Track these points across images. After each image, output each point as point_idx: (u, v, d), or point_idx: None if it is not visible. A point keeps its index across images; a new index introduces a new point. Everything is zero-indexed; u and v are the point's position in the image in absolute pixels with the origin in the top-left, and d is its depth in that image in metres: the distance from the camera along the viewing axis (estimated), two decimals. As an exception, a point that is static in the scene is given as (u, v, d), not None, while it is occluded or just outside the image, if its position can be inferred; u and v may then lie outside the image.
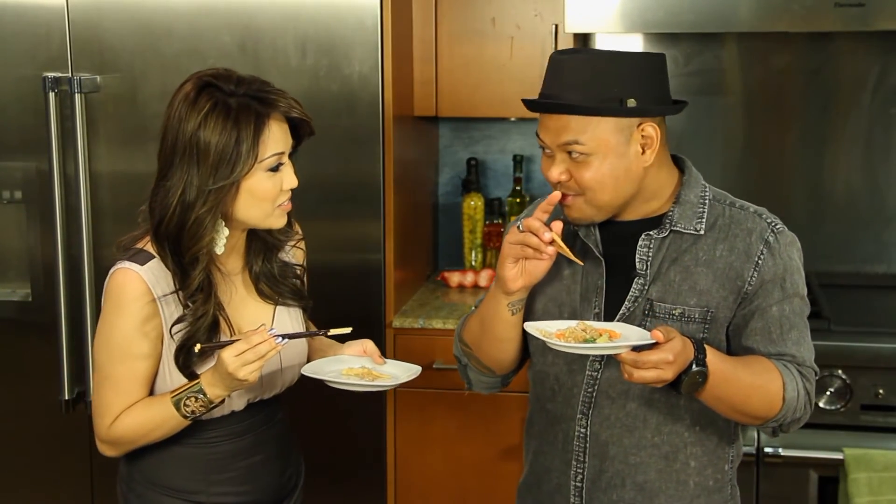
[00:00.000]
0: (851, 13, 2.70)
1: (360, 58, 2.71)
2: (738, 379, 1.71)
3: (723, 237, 1.79)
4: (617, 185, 1.74)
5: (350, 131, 2.75)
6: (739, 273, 1.77)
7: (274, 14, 2.71)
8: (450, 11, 2.98)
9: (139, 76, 2.75)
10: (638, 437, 1.81)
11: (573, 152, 1.72)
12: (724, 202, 1.83)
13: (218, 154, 1.73)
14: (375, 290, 2.81)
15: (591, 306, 1.82)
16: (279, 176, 1.81)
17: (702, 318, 1.77)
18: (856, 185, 3.21)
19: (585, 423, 1.83)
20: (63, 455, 2.93)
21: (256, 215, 1.82)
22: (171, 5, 2.73)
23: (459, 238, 3.33)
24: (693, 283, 1.77)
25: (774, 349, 1.78)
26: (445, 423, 2.88)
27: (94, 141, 2.79)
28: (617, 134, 1.72)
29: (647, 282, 1.78)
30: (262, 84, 1.81)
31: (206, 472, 1.92)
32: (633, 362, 1.61)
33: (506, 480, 2.88)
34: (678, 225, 1.79)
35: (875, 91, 3.15)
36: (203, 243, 1.77)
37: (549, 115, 1.74)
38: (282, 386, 1.97)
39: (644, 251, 1.79)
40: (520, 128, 3.32)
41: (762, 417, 1.76)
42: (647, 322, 1.78)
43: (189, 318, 1.81)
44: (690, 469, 1.83)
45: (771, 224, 1.80)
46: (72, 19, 2.76)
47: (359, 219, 2.79)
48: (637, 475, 1.82)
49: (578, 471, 1.84)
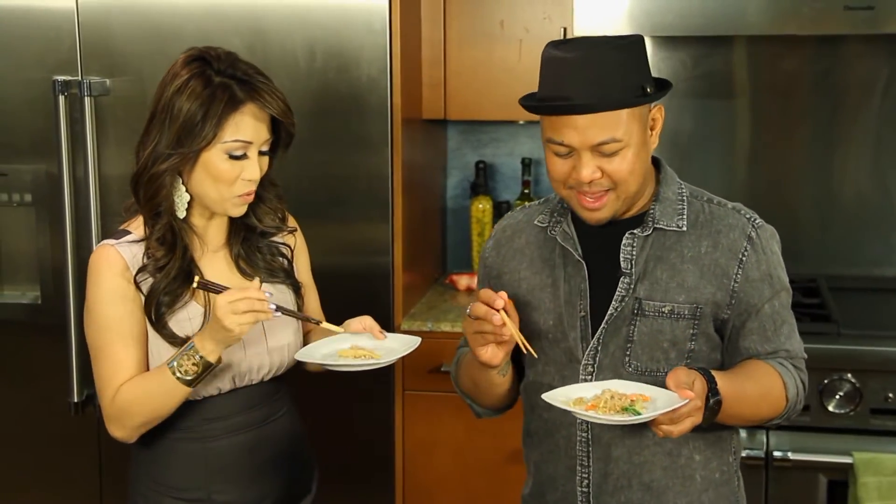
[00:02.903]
0: (861, 16, 2.69)
1: (369, 61, 2.71)
2: (747, 394, 1.73)
3: (706, 233, 1.79)
4: (641, 173, 1.75)
5: (358, 134, 2.76)
6: (725, 270, 1.77)
7: (283, 17, 2.72)
8: (458, 14, 2.98)
9: (148, 79, 2.76)
10: (639, 436, 1.80)
11: (608, 151, 1.70)
12: (702, 199, 1.84)
13: (185, 122, 1.79)
14: (384, 292, 2.81)
15: (577, 310, 1.80)
16: (240, 164, 1.83)
17: (691, 315, 1.77)
18: (865, 188, 3.20)
19: (586, 427, 1.82)
20: (72, 457, 2.94)
21: (210, 195, 1.85)
22: (181, 8, 2.74)
23: (468, 241, 3.33)
24: (681, 280, 1.77)
25: (770, 346, 1.80)
26: (453, 426, 2.88)
27: (103, 144, 2.80)
28: (641, 122, 1.72)
29: (634, 281, 1.78)
30: (255, 73, 1.84)
31: (208, 471, 1.91)
32: (670, 421, 1.61)
33: (514, 483, 2.87)
34: (661, 222, 1.79)
35: (884, 94, 3.14)
36: (159, 198, 1.83)
37: (574, 116, 1.68)
38: (271, 367, 1.95)
39: (628, 250, 1.78)
40: (528, 130, 3.33)
41: (768, 419, 1.81)
42: (636, 322, 1.77)
43: (150, 268, 1.84)
44: (695, 463, 1.83)
45: (750, 219, 1.81)
46: (81, 23, 2.77)
47: (367, 222, 2.79)
48: (643, 474, 1.81)
49: (584, 476, 1.83)
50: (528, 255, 1.88)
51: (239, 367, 1.91)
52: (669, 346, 1.78)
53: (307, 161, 2.71)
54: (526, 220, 1.92)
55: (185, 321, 1.86)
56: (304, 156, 2.61)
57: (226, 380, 1.90)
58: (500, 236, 1.95)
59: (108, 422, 1.88)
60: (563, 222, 1.85)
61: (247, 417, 1.94)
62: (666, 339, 1.77)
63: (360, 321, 1.97)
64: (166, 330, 1.85)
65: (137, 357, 1.85)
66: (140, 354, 1.86)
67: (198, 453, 1.91)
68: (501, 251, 1.93)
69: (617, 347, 1.79)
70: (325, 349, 1.91)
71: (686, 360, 1.78)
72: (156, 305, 1.84)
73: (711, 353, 1.81)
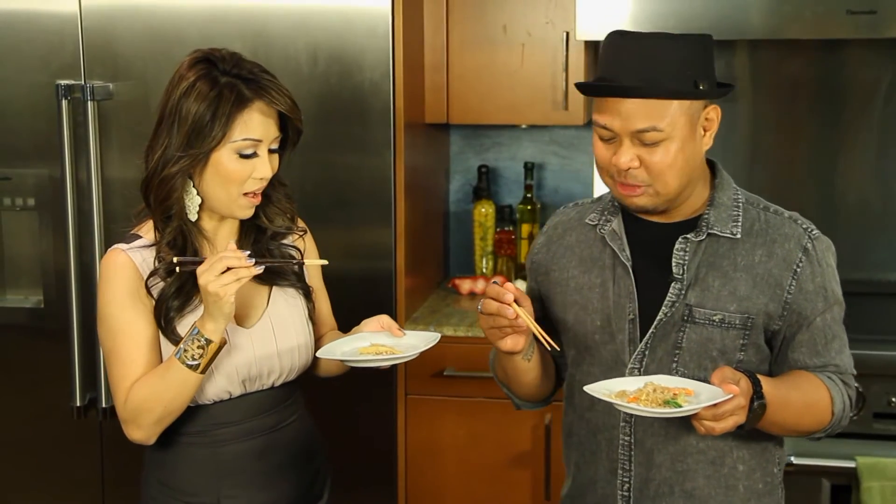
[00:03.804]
0: (863, 20, 2.69)
1: (372, 65, 2.71)
2: (792, 402, 1.71)
3: (760, 242, 1.76)
4: (684, 171, 1.71)
5: (361, 138, 2.76)
6: (778, 281, 1.75)
7: (285, 21, 2.72)
8: (461, 19, 2.98)
9: (152, 83, 2.76)
10: (683, 443, 1.78)
11: (648, 140, 1.68)
12: (758, 206, 1.81)
13: (193, 124, 1.79)
14: (386, 296, 2.81)
15: (625, 312, 1.78)
16: (251, 163, 1.83)
17: (742, 325, 1.74)
18: (868, 192, 3.19)
19: (629, 430, 1.79)
20: (74, 461, 2.94)
21: (220, 197, 1.85)
22: (184, 13, 2.74)
23: (470, 245, 3.33)
24: (733, 288, 1.74)
25: (819, 360, 1.77)
26: (456, 430, 2.87)
27: (106, 148, 2.80)
28: (689, 117, 1.69)
29: (685, 287, 1.75)
30: (260, 71, 1.84)
31: (218, 476, 1.91)
32: (713, 416, 1.59)
33: (517, 488, 2.87)
34: (714, 228, 1.76)
35: (887, 98, 3.14)
36: (170, 202, 1.83)
37: (619, 100, 1.68)
38: (281, 371, 1.94)
39: (681, 255, 1.75)
40: (531, 135, 3.33)
41: (812, 432, 1.78)
42: (686, 328, 1.75)
43: (161, 272, 1.84)
44: (739, 473, 1.80)
45: (807, 230, 1.78)
46: (85, 27, 2.77)
47: (370, 226, 2.79)
48: (685, 482, 1.79)
49: (625, 480, 1.81)
50: (578, 253, 1.86)
51: (249, 371, 1.90)
52: (718, 355, 1.75)
53: (310, 165, 2.71)
54: (578, 217, 1.90)
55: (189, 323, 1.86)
56: (307, 160, 2.61)
57: (235, 384, 1.90)
58: (551, 233, 1.93)
59: (125, 425, 1.87)
60: (613, 221, 1.82)
61: (257, 423, 1.93)
62: (715, 347, 1.75)
63: (376, 320, 1.97)
64: (175, 335, 1.84)
65: (150, 359, 1.85)
66: (153, 357, 1.85)
67: (207, 458, 1.91)
68: (552, 248, 1.91)
69: (665, 353, 1.76)
70: (345, 347, 1.90)
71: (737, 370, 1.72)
72: (165, 310, 1.84)
73: (760, 365, 1.78)
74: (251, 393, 1.92)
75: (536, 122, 3.06)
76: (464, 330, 2.84)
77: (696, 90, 1.68)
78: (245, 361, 1.89)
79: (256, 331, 1.91)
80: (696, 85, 1.67)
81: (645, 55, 1.67)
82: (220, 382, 1.87)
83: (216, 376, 1.86)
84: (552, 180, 3.34)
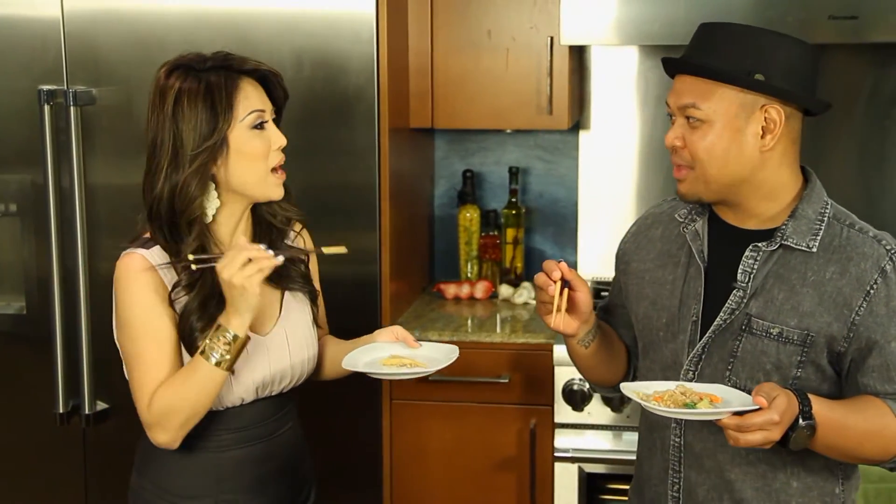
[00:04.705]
0: (845, 25, 2.71)
1: (356, 70, 2.71)
2: (850, 427, 1.64)
3: (836, 259, 1.70)
4: (727, 162, 1.69)
5: (346, 143, 2.75)
6: (848, 301, 1.68)
7: (270, 26, 2.71)
8: (445, 24, 2.98)
9: (135, 89, 2.75)
10: (733, 451, 1.74)
11: (691, 118, 1.69)
12: (844, 222, 1.75)
13: (198, 120, 1.79)
14: (371, 301, 2.81)
15: (690, 313, 1.77)
16: (266, 134, 1.86)
17: (800, 341, 1.69)
18: (850, 196, 3.20)
19: (679, 432, 1.78)
20: (57, 468, 2.92)
21: (251, 180, 1.85)
22: (167, 18, 2.73)
23: (455, 250, 3.33)
24: (797, 303, 1.70)
25: (892, 387, 1.68)
26: (442, 434, 2.87)
27: (89, 153, 2.78)
28: (739, 108, 1.67)
29: (747, 295, 1.72)
30: (226, 54, 1.87)
31: (217, 480, 1.91)
32: (736, 427, 1.55)
33: (503, 493, 2.87)
34: (790, 239, 1.72)
35: (869, 102, 3.16)
36: (194, 206, 1.82)
37: (679, 78, 1.72)
38: (291, 378, 1.96)
39: (749, 262, 1.73)
40: (515, 139, 3.33)
41: (877, 460, 1.71)
42: (742, 338, 1.72)
43: (184, 282, 1.83)
44: (792, 489, 1.75)
45: (890, 251, 1.70)
46: (67, 32, 2.76)
47: (354, 231, 2.79)
48: (734, 491, 1.75)
49: (675, 480, 1.80)
50: (659, 247, 1.87)
51: (263, 378, 1.91)
52: (772, 370, 1.71)
53: (294, 170, 2.66)
54: (670, 211, 1.89)
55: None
56: (292, 164, 2.57)
57: (251, 391, 1.90)
58: (641, 223, 1.94)
59: (150, 429, 1.84)
60: (698, 221, 1.81)
61: (259, 430, 1.94)
62: (770, 361, 1.71)
63: (390, 331, 2.00)
64: (192, 339, 1.83)
65: (174, 362, 1.83)
66: (176, 359, 1.83)
67: (208, 462, 1.91)
68: (638, 239, 1.92)
69: (720, 360, 1.74)
70: (364, 358, 1.93)
71: (790, 387, 1.69)
72: (189, 329, 1.82)
73: (821, 385, 1.72)
74: (260, 400, 1.93)
75: (521, 126, 3.06)
76: (449, 334, 2.83)
77: (744, 78, 1.66)
78: (261, 369, 1.90)
79: (272, 338, 1.93)
80: (749, 75, 1.66)
81: (712, 38, 1.69)
82: (237, 389, 1.88)
83: (233, 383, 1.87)
84: (537, 185, 3.35)
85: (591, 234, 3.32)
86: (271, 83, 1.90)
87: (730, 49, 1.67)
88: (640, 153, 3.27)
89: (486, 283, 3.18)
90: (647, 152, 3.26)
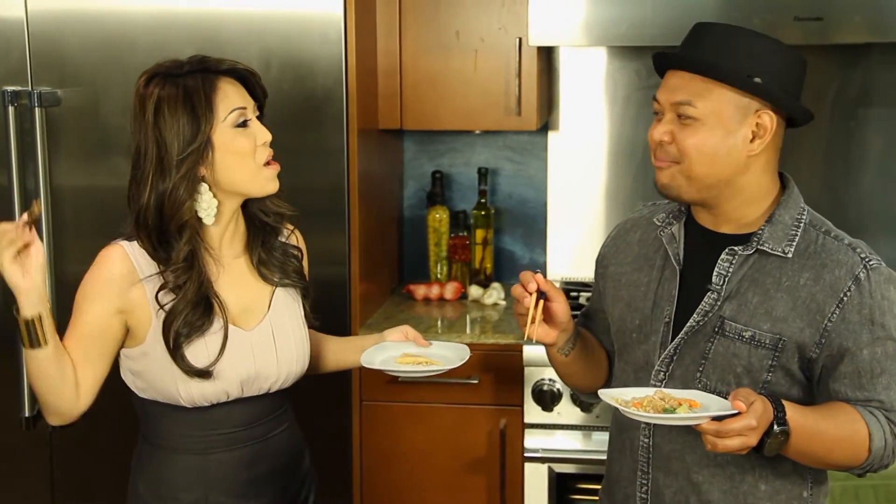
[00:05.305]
0: (810, 27, 2.73)
1: (325, 71, 2.70)
2: (822, 433, 1.64)
3: (810, 265, 1.71)
4: (715, 161, 1.69)
5: (315, 145, 2.74)
6: (821, 307, 1.68)
7: (238, 27, 2.70)
8: (414, 24, 2.98)
9: (101, 89, 2.73)
10: (700, 454, 1.74)
11: (683, 115, 1.69)
12: (820, 229, 1.75)
13: (180, 125, 1.80)
14: (340, 303, 2.80)
15: (663, 314, 1.78)
16: (250, 131, 1.86)
17: (772, 345, 1.70)
18: (816, 198, 3.20)
19: (649, 433, 1.79)
20: (23, 473, 2.89)
21: (244, 177, 1.86)
22: (134, 18, 2.71)
23: (425, 251, 3.33)
24: (770, 307, 1.70)
25: (863, 394, 1.69)
26: (412, 436, 2.87)
27: (54, 155, 2.75)
28: (733, 109, 1.68)
29: (721, 298, 1.73)
30: (202, 57, 1.88)
31: (204, 482, 1.91)
32: (715, 432, 1.55)
33: (473, 493, 2.87)
34: (766, 244, 1.72)
35: (834, 103, 3.19)
36: (184, 209, 1.82)
37: (672, 73, 1.71)
38: (279, 377, 1.94)
39: (724, 266, 1.74)
40: (485, 140, 3.33)
41: (846, 466, 1.70)
42: (714, 340, 1.73)
43: (171, 285, 1.83)
44: (760, 493, 1.75)
45: (864, 259, 1.70)
46: (31, 32, 2.73)
47: (324, 232, 2.78)
48: (701, 494, 1.76)
49: (643, 482, 1.81)
50: (636, 251, 1.88)
51: (248, 373, 1.90)
52: (743, 373, 1.72)
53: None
54: (649, 215, 1.90)
55: (201, 349, 1.85)
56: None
57: (234, 385, 1.89)
58: (621, 227, 1.95)
59: None
60: (675, 225, 1.82)
61: (248, 432, 1.94)
62: (741, 364, 1.72)
63: (400, 331, 2.05)
64: (184, 361, 1.83)
65: (78, 354, 1.83)
66: (81, 352, 1.83)
67: (195, 464, 1.90)
68: (617, 242, 1.93)
69: (692, 361, 1.75)
70: (379, 356, 1.99)
71: (760, 390, 1.71)
72: (175, 334, 1.82)
73: (790, 390, 1.72)
74: (247, 399, 1.92)
75: (490, 127, 3.07)
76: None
77: (744, 80, 1.66)
78: (245, 364, 1.89)
79: (256, 334, 1.92)
80: (748, 77, 1.66)
81: (712, 37, 1.69)
82: (220, 384, 1.87)
83: (215, 378, 1.86)
84: (506, 186, 3.35)
85: (560, 234, 3.33)
86: (249, 82, 1.91)
87: (729, 50, 1.67)
88: (609, 154, 3.28)
89: (456, 284, 3.19)
90: (615, 153, 3.27)
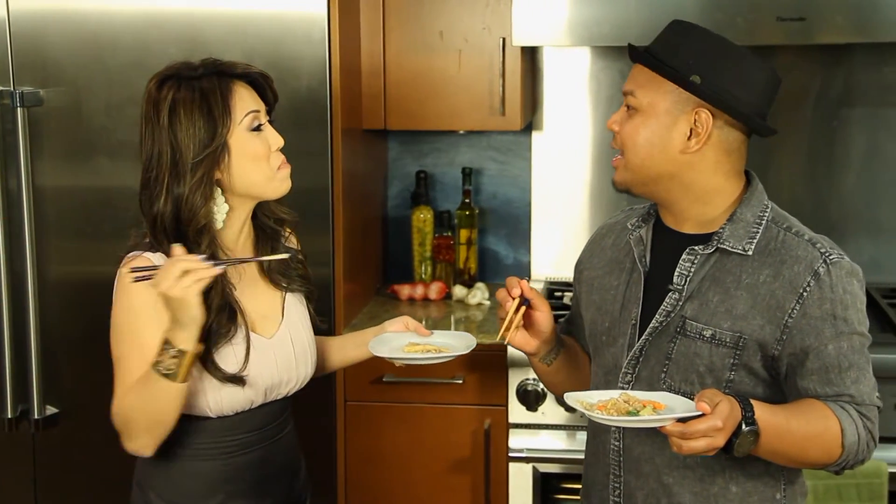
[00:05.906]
0: (793, 27, 2.74)
1: (308, 72, 2.70)
2: (793, 431, 1.63)
3: (770, 262, 1.70)
4: (649, 153, 1.72)
5: (299, 145, 2.72)
6: (780, 303, 1.68)
7: (221, 27, 2.69)
8: (398, 25, 2.98)
9: (84, 89, 2.72)
10: (670, 456, 1.74)
11: (629, 105, 1.74)
12: (782, 225, 1.75)
13: (196, 128, 1.78)
14: (325, 303, 2.80)
15: (630, 316, 1.79)
16: (264, 136, 1.86)
17: (733, 343, 1.70)
18: (799, 197, 3.25)
19: (619, 436, 1.79)
20: (5, 474, 2.88)
21: (258, 180, 1.85)
22: (117, 18, 2.70)
23: (409, 251, 3.33)
24: (730, 305, 1.70)
25: (831, 390, 1.68)
26: (396, 436, 2.87)
27: (37, 155, 2.74)
28: (671, 104, 1.70)
29: (682, 298, 1.73)
30: (214, 60, 1.87)
31: (226, 488, 1.91)
32: (680, 434, 1.54)
33: (458, 493, 2.88)
34: (726, 243, 1.73)
35: (816, 104, 3.21)
36: (201, 213, 1.80)
37: (635, 66, 1.77)
38: (297, 380, 1.96)
39: (686, 266, 1.74)
40: (469, 140, 3.34)
41: (821, 464, 1.69)
42: (677, 340, 1.73)
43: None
44: (731, 494, 1.74)
45: (824, 254, 1.69)
46: (13, 31, 2.72)
47: (308, 232, 2.75)
48: (672, 496, 1.75)
49: (616, 485, 1.81)
50: (608, 255, 1.89)
51: (272, 380, 1.90)
52: (706, 372, 1.72)
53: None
54: (623, 220, 1.92)
55: (230, 356, 1.84)
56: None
57: (260, 393, 1.90)
58: (597, 233, 1.97)
59: (120, 436, 1.82)
60: (643, 227, 1.83)
61: (263, 434, 1.94)
62: (703, 363, 1.72)
63: (400, 321, 2.07)
64: (217, 369, 1.82)
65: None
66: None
67: (213, 469, 1.90)
68: (592, 247, 1.95)
69: (657, 362, 1.75)
70: (383, 347, 2.01)
71: (724, 389, 1.70)
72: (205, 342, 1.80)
73: (755, 388, 1.72)
74: (267, 403, 1.93)
75: (474, 127, 3.07)
76: (403, 336, 2.83)
77: (676, 74, 1.68)
78: (269, 372, 1.90)
79: (276, 342, 1.92)
80: (687, 74, 1.68)
81: (668, 34, 1.75)
82: (248, 393, 1.87)
83: (243, 388, 1.86)
84: (490, 186, 3.36)
85: (544, 234, 3.34)
86: (261, 86, 1.90)
87: (680, 47, 1.71)
88: (593, 154, 3.29)
89: (440, 284, 3.19)
90: (599, 153, 3.28)
